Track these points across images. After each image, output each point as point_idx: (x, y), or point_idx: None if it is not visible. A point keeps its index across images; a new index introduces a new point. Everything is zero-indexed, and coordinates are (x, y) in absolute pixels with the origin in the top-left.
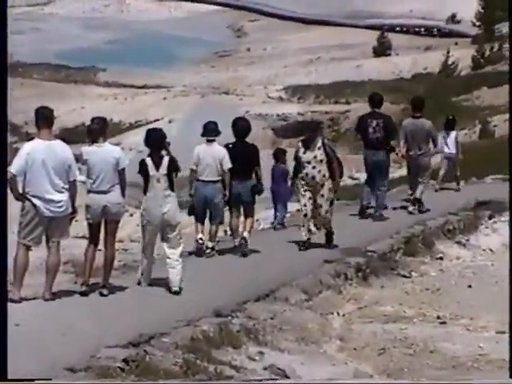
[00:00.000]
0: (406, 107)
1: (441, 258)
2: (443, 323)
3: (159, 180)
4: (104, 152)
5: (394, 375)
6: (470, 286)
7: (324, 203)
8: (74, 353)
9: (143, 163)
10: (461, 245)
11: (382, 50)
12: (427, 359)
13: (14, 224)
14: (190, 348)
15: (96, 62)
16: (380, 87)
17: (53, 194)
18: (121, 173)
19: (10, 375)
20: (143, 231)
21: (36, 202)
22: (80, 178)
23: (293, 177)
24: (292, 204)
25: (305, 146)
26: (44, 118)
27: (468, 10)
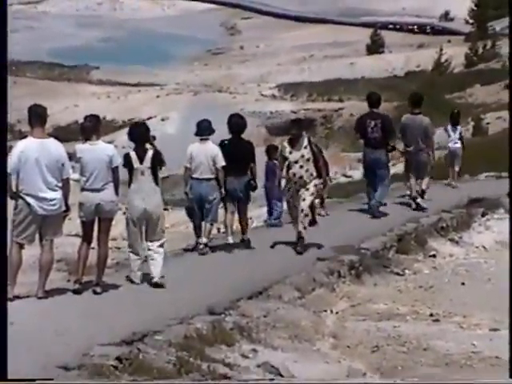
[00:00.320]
0: (399, 105)
1: (434, 256)
2: (436, 321)
3: (143, 173)
4: (97, 150)
5: (388, 373)
6: (463, 284)
7: (307, 197)
8: (67, 351)
9: (127, 156)
10: (454, 242)
11: (375, 48)
12: (420, 357)
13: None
14: (184, 346)
15: (89, 60)
16: (373, 85)
17: (46, 192)
18: (114, 171)
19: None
20: (127, 226)
21: (29, 201)
22: (73, 176)
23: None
24: None
25: (291, 146)
26: (37, 116)
27: (461, 8)
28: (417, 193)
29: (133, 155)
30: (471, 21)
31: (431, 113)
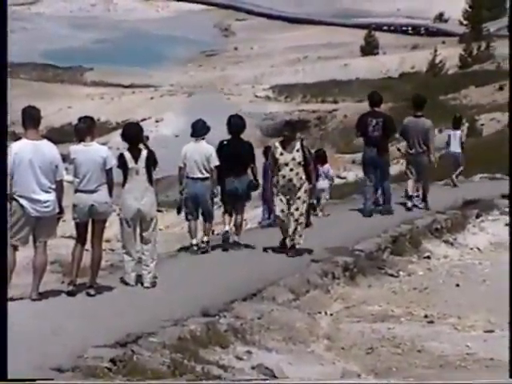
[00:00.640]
0: (394, 106)
1: (428, 257)
2: (431, 322)
3: (138, 172)
4: (91, 151)
5: (382, 374)
6: (458, 285)
7: (300, 205)
8: (61, 353)
9: (122, 156)
10: (448, 244)
11: (370, 49)
12: (415, 358)
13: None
14: (178, 348)
15: (83, 62)
16: (367, 86)
17: (39, 194)
18: (108, 172)
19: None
20: (121, 226)
21: (23, 202)
22: (67, 178)
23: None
24: None
25: (282, 147)
26: (31, 118)
27: (455, 9)
28: (417, 196)
29: (127, 155)
30: (465, 22)
31: (425, 114)
